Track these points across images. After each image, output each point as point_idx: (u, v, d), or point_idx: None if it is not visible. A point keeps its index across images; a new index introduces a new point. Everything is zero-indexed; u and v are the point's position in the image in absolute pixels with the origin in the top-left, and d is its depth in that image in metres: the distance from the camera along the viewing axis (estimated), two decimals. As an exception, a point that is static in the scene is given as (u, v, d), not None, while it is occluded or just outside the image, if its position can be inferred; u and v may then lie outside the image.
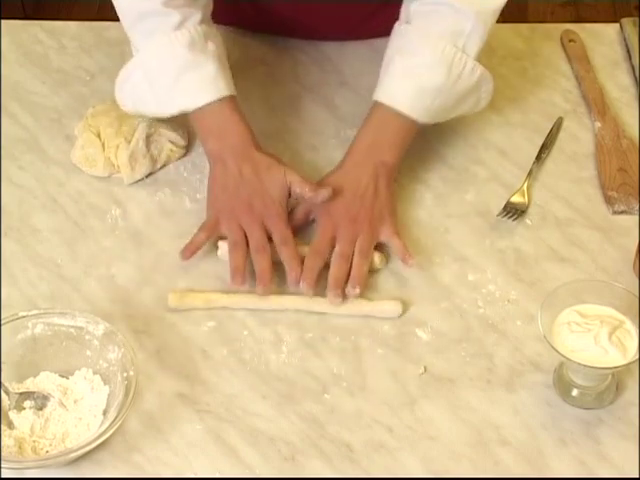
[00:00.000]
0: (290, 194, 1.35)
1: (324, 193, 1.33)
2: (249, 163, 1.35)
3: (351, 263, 1.30)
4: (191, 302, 1.29)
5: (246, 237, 1.32)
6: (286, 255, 1.30)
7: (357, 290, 1.27)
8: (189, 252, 1.32)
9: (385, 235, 1.33)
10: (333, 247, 1.31)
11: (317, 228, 1.34)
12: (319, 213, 1.35)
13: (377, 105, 1.39)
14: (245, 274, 1.29)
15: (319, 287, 1.29)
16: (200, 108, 1.37)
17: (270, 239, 1.32)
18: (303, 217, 1.37)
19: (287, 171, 1.35)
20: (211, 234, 1.34)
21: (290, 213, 1.36)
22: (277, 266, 1.31)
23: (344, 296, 1.27)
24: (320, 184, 1.36)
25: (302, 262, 1.30)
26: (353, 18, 1.59)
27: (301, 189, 1.33)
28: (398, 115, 1.37)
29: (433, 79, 1.36)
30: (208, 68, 1.36)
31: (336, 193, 1.34)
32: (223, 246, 1.33)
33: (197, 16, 1.38)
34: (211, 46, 1.38)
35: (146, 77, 1.38)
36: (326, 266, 1.30)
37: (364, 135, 1.39)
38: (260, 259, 1.30)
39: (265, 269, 1.29)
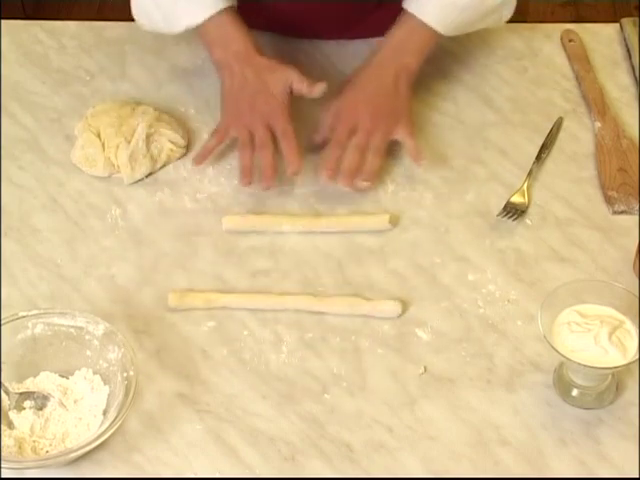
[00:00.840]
0: (292, 92, 1.42)
1: (319, 88, 1.41)
2: (252, 66, 1.43)
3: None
4: (191, 302, 1.29)
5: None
6: (285, 147, 1.37)
7: (367, 184, 1.35)
8: (201, 157, 1.40)
9: (400, 134, 1.39)
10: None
11: (339, 121, 1.40)
12: (341, 108, 1.41)
13: (406, 13, 1.44)
14: (252, 173, 1.37)
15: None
16: (203, 23, 1.43)
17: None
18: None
19: (288, 70, 1.42)
20: (221, 138, 1.42)
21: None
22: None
23: (353, 186, 1.35)
24: (345, 81, 1.44)
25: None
26: (353, 18, 1.60)
27: (300, 85, 1.41)
28: (424, 25, 1.43)
29: None
30: None
31: (360, 89, 1.42)
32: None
33: None
34: None
35: None
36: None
37: (390, 39, 1.45)
38: (263, 155, 1.37)
39: (268, 164, 1.37)
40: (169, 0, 1.45)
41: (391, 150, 1.45)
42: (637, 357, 1.14)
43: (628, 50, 1.61)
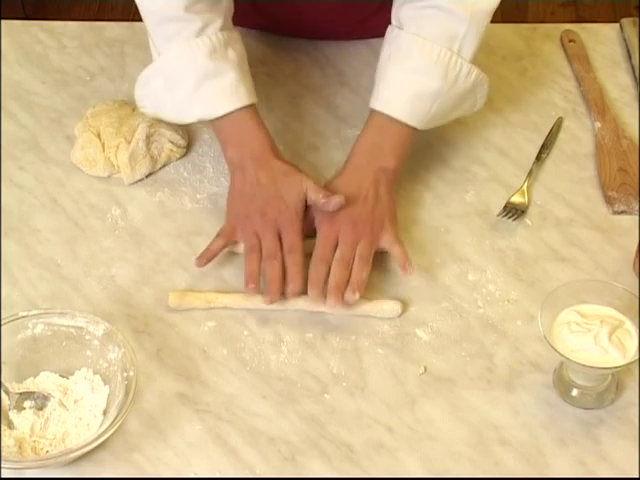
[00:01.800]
0: (306, 201, 1.34)
1: (336, 200, 1.31)
2: (267, 170, 1.35)
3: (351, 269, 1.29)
4: (191, 302, 1.29)
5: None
6: (290, 263, 1.29)
7: (356, 296, 1.26)
8: (205, 259, 1.32)
9: (385, 241, 1.32)
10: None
11: (319, 234, 1.32)
12: (321, 219, 1.34)
13: (373, 112, 1.38)
14: (259, 279, 1.28)
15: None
16: (220, 117, 1.36)
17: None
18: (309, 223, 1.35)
19: (304, 178, 1.34)
20: (228, 241, 1.33)
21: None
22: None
23: (343, 301, 1.26)
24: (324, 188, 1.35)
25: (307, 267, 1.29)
26: (353, 18, 1.59)
27: (315, 196, 1.32)
28: (397, 122, 1.36)
29: (429, 85, 1.35)
30: (229, 76, 1.35)
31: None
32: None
33: (218, 22, 1.36)
34: (231, 53, 1.37)
35: (166, 83, 1.38)
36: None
37: (363, 141, 1.38)
38: (270, 266, 1.29)
39: (275, 277, 1.28)
40: (186, 88, 1.36)
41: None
42: (637, 357, 1.14)
43: (628, 50, 1.61)
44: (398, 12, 1.39)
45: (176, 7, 1.34)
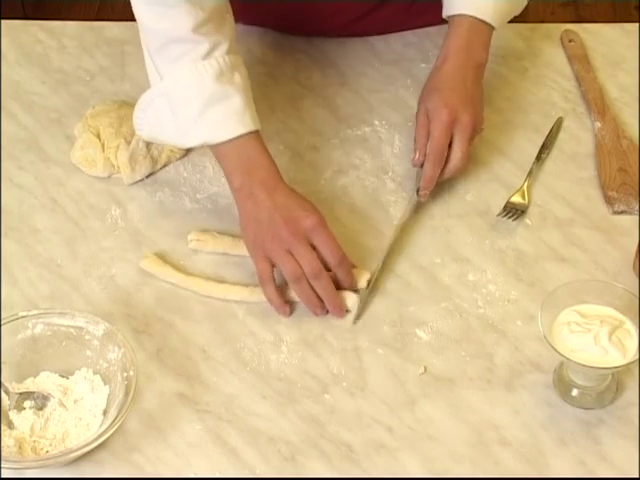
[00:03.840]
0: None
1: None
2: (280, 191, 1.31)
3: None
4: (161, 272, 1.31)
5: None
6: (341, 277, 1.29)
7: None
8: (285, 309, 1.29)
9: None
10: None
11: (434, 128, 1.37)
12: (436, 110, 1.38)
13: (461, 16, 1.43)
14: (319, 300, 1.28)
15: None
16: (224, 142, 1.32)
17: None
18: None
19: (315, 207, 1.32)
20: (271, 278, 1.29)
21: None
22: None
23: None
24: (425, 87, 1.43)
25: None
26: (352, 15, 1.59)
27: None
28: (482, 22, 1.43)
29: None
30: (235, 101, 1.32)
31: (450, 92, 1.40)
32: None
33: (225, 45, 1.33)
34: (238, 78, 1.34)
35: (170, 106, 1.34)
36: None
37: (456, 41, 1.43)
38: (321, 286, 1.27)
39: (331, 295, 1.28)
40: (191, 111, 1.31)
41: (391, 149, 1.46)
42: (637, 357, 1.14)
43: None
44: None
45: (184, 28, 1.31)
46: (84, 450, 1.12)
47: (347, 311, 1.29)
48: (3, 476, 1.13)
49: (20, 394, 1.18)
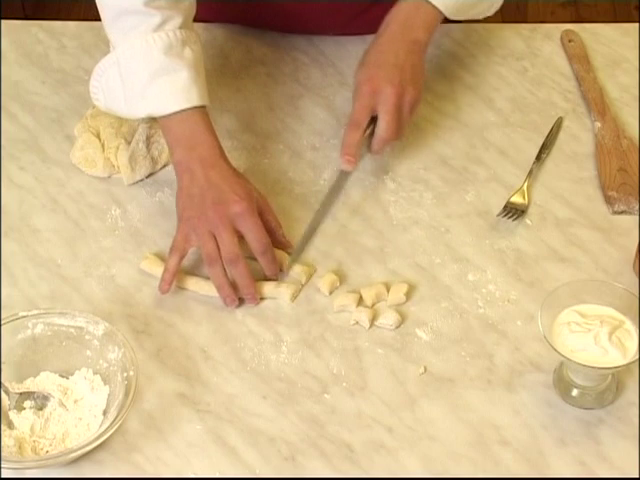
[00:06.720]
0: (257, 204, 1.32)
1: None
2: (217, 170, 1.32)
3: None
4: (160, 271, 1.30)
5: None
6: (264, 264, 1.30)
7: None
8: (166, 283, 1.29)
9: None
10: (369, 119, 1.37)
11: (356, 101, 1.38)
12: (361, 87, 1.39)
13: None
14: (232, 290, 1.28)
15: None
16: (169, 115, 1.33)
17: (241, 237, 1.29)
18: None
19: (254, 187, 1.34)
20: (183, 252, 1.30)
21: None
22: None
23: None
24: (362, 59, 1.42)
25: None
26: (348, 13, 1.59)
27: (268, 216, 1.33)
28: (429, 3, 1.41)
29: None
30: (182, 75, 1.33)
31: (377, 66, 1.39)
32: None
33: (177, 20, 1.35)
34: (188, 53, 1.35)
35: (120, 76, 1.36)
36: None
37: (397, 15, 1.42)
38: (237, 271, 1.28)
39: (247, 282, 1.28)
40: (139, 82, 1.34)
41: (391, 149, 1.46)
42: (637, 357, 1.14)
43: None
44: None
45: (135, 1, 1.34)
46: (84, 450, 1.12)
47: (262, 299, 1.29)
48: (3, 476, 1.13)
49: (20, 394, 1.18)
